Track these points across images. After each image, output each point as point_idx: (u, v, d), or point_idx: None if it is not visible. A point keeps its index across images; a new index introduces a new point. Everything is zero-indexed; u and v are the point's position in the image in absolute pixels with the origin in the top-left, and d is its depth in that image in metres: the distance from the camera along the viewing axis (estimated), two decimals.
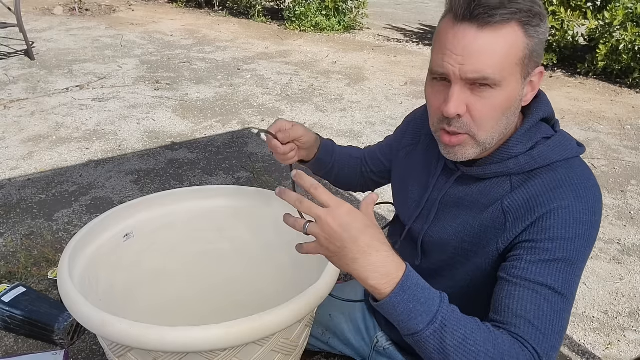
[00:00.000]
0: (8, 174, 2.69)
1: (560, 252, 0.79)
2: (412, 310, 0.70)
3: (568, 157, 0.86)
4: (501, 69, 0.77)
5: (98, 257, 1.10)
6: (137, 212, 1.20)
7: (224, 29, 6.44)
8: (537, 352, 0.75)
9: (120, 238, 1.16)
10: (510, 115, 0.83)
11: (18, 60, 4.66)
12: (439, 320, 0.70)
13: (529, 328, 0.76)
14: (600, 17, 4.56)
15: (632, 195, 2.73)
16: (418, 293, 0.70)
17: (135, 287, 1.21)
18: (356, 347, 1.34)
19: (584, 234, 0.80)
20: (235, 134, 3.33)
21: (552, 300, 0.78)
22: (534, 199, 0.83)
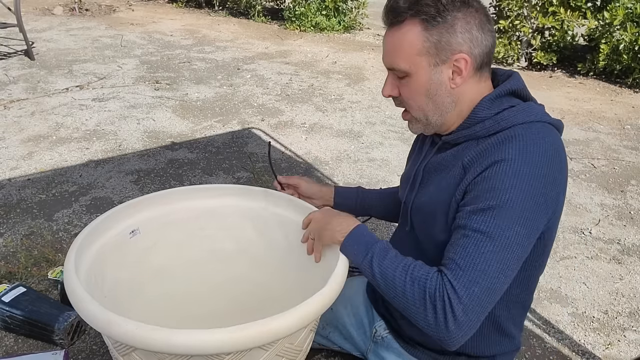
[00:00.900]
0: (8, 174, 2.69)
1: (494, 200, 0.86)
2: (356, 250, 1.00)
3: (530, 121, 0.93)
4: (405, 60, 0.94)
5: (104, 254, 1.10)
6: (143, 209, 1.20)
7: (223, 29, 6.43)
8: (450, 281, 0.85)
9: (127, 235, 1.16)
10: (435, 96, 0.96)
11: (18, 60, 4.66)
12: (369, 256, 0.97)
13: (452, 264, 0.87)
14: (600, 17, 4.56)
15: (632, 195, 2.73)
16: (361, 239, 1.01)
17: (140, 284, 1.21)
18: (357, 340, 1.35)
19: (523, 185, 0.85)
20: (235, 134, 3.33)
21: (480, 242, 0.85)
22: (485, 151, 0.92)
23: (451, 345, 0.87)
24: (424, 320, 0.87)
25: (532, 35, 5.06)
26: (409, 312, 0.90)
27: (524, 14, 5.02)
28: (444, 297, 0.84)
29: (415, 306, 0.88)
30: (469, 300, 0.83)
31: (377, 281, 0.95)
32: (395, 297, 0.92)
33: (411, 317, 0.91)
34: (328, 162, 2.98)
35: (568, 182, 3.03)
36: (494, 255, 0.84)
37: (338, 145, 3.19)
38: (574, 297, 1.94)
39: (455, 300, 0.83)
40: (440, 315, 0.84)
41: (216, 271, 1.32)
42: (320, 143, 3.23)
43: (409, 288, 0.89)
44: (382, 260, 0.95)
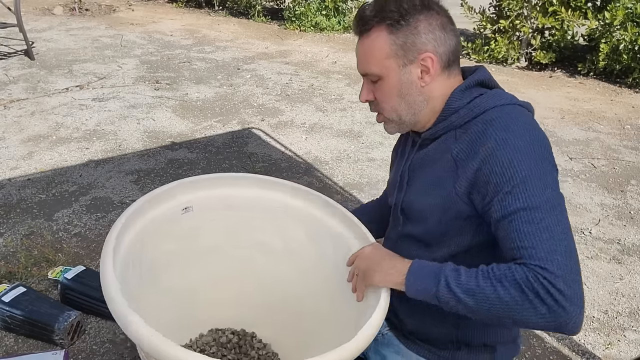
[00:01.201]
0: (8, 173, 2.69)
1: (514, 179, 0.88)
2: (425, 283, 0.91)
3: (502, 104, 0.98)
4: (376, 64, 1.00)
5: (152, 226, 1.12)
6: (199, 189, 1.20)
7: (223, 29, 6.44)
8: (531, 263, 0.82)
9: (179, 211, 1.17)
10: (407, 96, 1.02)
11: (18, 60, 4.66)
12: (442, 282, 0.89)
13: (520, 251, 0.85)
14: (601, 17, 4.56)
15: (632, 195, 2.73)
16: (423, 271, 0.93)
17: (183, 259, 1.22)
18: None
19: (528, 155, 0.89)
20: (235, 134, 3.33)
21: (528, 217, 0.85)
22: (473, 141, 0.95)
23: (575, 326, 0.81)
24: (536, 315, 0.81)
25: (532, 35, 5.06)
26: (516, 315, 0.83)
27: (524, 14, 5.02)
28: (540, 281, 0.80)
29: (519, 305, 0.82)
30: (560, 270, 0.81)
31: (464, 302, 0.86)
32: (492, 309, 0.84)
33: (522, 321, 0.83)
34: (328, 162, 2.98)
35: (568, 181, 3.03)
36: (547, 220, 0.85)
37: (338, 145, 3.19)
38: None
39: (550, 276, 0.80)
40: (548, 299, 0.80)
41: (258, 264, 1.31)
42: (320, 143, 3.23)
43: (503, 291, 0.83)
44: (458, 279, 0.88)
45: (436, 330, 1.12)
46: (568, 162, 3.11)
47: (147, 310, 1.13)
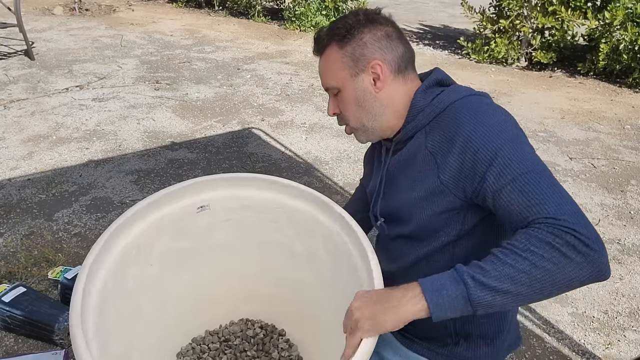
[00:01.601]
0: (8, 174, 2.69)
1: (502, 152, 0.90)
2: (449, 294, 0.82)
3: (463, 96, 1.03)
4: (332, 78, 1.08)
5: (164, 223, 1.13)
6: (217, 188, 1.21)
7: (223, 29, 6.44)
8: (546, 218, 0.82)
9: (194, 209, 1.18)
10: (364, 103, 1.08)
11: (18, 60, 4.66)
12: (468, 280, 0.82)
13: (529, 210, 0.84)
14: (600, 17, 4.56)
15: (632, 195, 2.73)
16: (436, 282, 0.84)
17: (195, 255, 1.24)
18: None
19: (503, 129, 0.93)
20: (235, 134, 3.33)
21: (526, 180, 0.86)
22: (446, 130, 0.99)
23: (608, 267, 0.80)
24: (575, 267, 0.79)
25: (532, 35, 5.06)
26: (557, 277, 0.79)
27: (524, 14, 5.02)
28: (564, 231, 0.79)
29: (556, 264, 0.79)
30: (574, 217, 0.81)
31: (501, 291, 0.81)
32: (533, 282, 0.80)
33: (564, 282, 0.80)
34: (328, 162, 2.98)
35: (568, 181, 3.03)
36: (544, 179, 0.87)
37: (338, 145, 3.19)
38: (574, 297, 1.94)
39: (570, 224, 0.80)
40: (581, 246, 0.78)
41: (275, 265, 1.31)
42: (320, 143, 3.23)
43: (536, 258, 0.80)
44: (483, 270, 0.83)
45: (434, 324, 1.13)
46: (568, 162, 3.11)
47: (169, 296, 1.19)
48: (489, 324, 1.11)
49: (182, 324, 1.28)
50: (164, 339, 1.22)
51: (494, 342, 1.13)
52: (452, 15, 8.30)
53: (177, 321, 1.26)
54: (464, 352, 1.14)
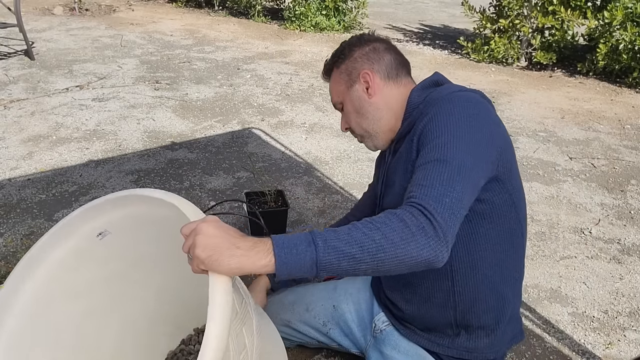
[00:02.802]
0: (8, 174, 2.69)
1: (440, 137, 0.98)
2: (297, 254, 0.81)
3: (453, 91, 1.10)
4: (336, 94, 1.25)
5: (69, 261, 1.06)
6: (107, 211, 1.09)
7: (223, 29, 6.43)
8: (420, 200, 0.88)
9: (94, 237, 1.09)
10: (362, 110, 1.21)
11: (18, 60, 4.66)
12: (319, 242, 0.82)
13: (416, 189, 0.92)
14: (600, 17, 4.56)
15: (632, 195, 2.73)
16: (291, 241, 0.83)
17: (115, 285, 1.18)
18: (357, 336, 1.39)
19: (456, 119, 1.00)
20: (235, 134, 3.33)
21: (438, 166, 0.94)
22: (421, 118, 1.09)
23: (443, 255, 0.85)
24: (418, 247, 0.83)
25: (532, 34, 5.06)
26: (399, 251, 0.83)
27: (524, 14, 5.02)
28: (423, 213, 0.86)
29: (404, 239, 0.83)
30: (442, 208, 0.87)
31: (348, 254, 0.82)
32: (378, 252, 0.83)
33: (404, 258, 0.84)
34: (328, 162, 2.98)
35: (568, 181, 3.02)
36: (453, 174, 0.92)
37: (338, 145, 3.19)
38: (574, 296, 1.94)
39: (432, 210, 0.86)
40: (431, 231, 0.84)
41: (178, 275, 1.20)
42: (321, 143, 3.23)
43: (388, 229, 0.84)
44: (337, 235, 0.84)
45: (435, 315, 1.19)
46: (568, 162, 3.11)
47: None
48: (488, 313, 1.15)
49: (128, 354, 1.23)
50: None
51: (494, 333, 1.16)
52: (452, 15, 8.30)
53: (119, 352, 1.22)
54: (464, 343, 1.17)
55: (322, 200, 2.56)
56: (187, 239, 0.82)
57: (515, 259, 1.17)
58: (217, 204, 1.39)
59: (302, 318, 1.47)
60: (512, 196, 1.09)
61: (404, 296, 1.22)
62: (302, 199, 2.56)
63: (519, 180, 1.13)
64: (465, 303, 1.13)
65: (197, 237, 0.80)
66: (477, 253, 1.10)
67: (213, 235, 0.80)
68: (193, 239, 0.80)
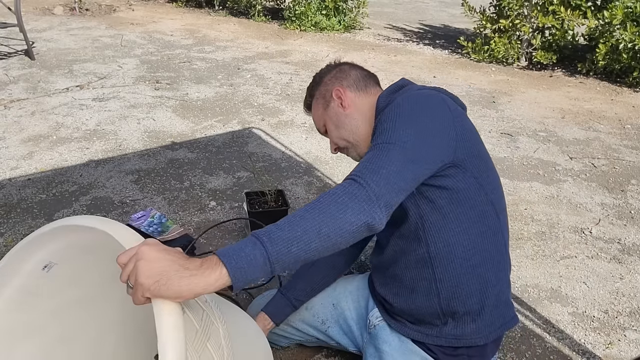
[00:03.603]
0: (8, 173, 2.69)
1: (386, 123, 1.05)
2: (246, 257, 0.79)
3: (416, 89, 1.19)
4: (318, 119, 1.39)
5: (18, 297, 0.99)
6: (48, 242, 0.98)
7: (224, 29, 6.44)
8: (357, 174, 0.93)
9: (39, 271, 1.00)
10: (340, 122, 1.32)
11: (18, 60, 4.66)
12: (263, 238, 0.81)
13: (358, 166, 0.96)
14: (600, 17, 4.55)
15: (632, 195, 2.73)
16: (235, 250, 0.80)
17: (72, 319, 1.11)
18: (355, 334, 1.42)
19: (404, 108, 1.07)
20: (235, 134, 3.33)
21: (381, 148, 0.99)
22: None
23: (380, 216, 0.90)
24: (354, 213, 0.87)
25: (532, 34, 5.06)
26: (338, 221, 0.85)
27: (524, 13, 5.02)
28: (357, 182, 0.91)
29: (341, 209, 0.87)
30: (376, 177, 0.92)
31: (294, 240, 0.82)
32: (321, 228, 0.84)
33: (343, 226, 0.86)
34: (328, 162, 2.98)
35: (568, 181, 3.01)
36: (393, 152, 0.97)
37: None
38: (574, 296, 1.94)
39: (366, 178, 0.91)
40: (360, 192, 0.89)
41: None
42: (321, 143, 3.23)
43: (323, 204, 0.87)
44: (276, 226, 0.84)
45: (422, 305, 1.23)
46: (568, 162, 3.11)
47: None
48: (471, 298, 1.18)
49: None
50: None
51: (480, 317, 1.20)
52: (452, 15, 8.30)
53: None
54: (452, 331, 1.20)
55: None
56: (126, 267, 0.75)
57: (494, 242, 1.18)
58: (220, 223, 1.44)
59: (301, 317, 1.48)
60: (478, 180, 1.13)
61: (392, 290, 1.27)
62: (302, 198, 2.56)
63: (488, 164, 1.18)
64: (447, 289, 1.17)
65: (138, 263, 0.73)
66: (452, 238, 1.13)
67: (156, 259, 0.74)
68: (133, 265, 0.74)
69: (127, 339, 1.21)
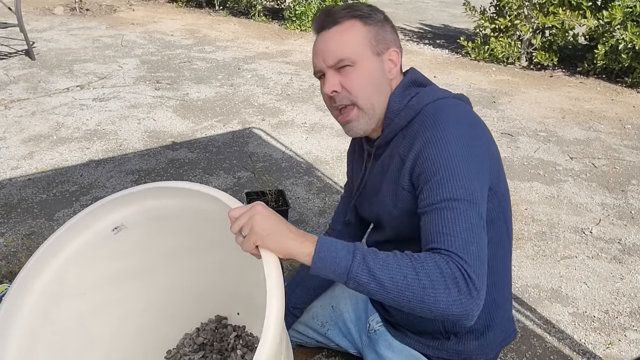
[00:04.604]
0: (9, 173, 2.69)
1: (443, 169, 0.93)
2: (335, 257, 0.86)
3: (435, 99, 1.04)
4: (352, 49, 1.02)
5: (85, 252, 1.08)
6: (127, 205, 1.13)
7: (224, 29, 6.44)
8: (449, 250, 0.86)
9: (109, 232, 1.12)
10: (379, 83, 1.06)
11: (19, 60, 4.66)
12: (358, 255, 0.86)
13: (440, 237, 0.89)
14: (600, 17, 4.55)
15: (632, 195, 2.73)
16: (334, 244, 0.88)
17: (127, 279, 1.19)
18: (354, 337, 1.40)
19: (456, 146, 0.95)
20: (235, 134, 3.33)
21: (452, 207, 0.90)
22: (412, 138, 1.02)
23: (474, 313, 0.85)
24: (448, 299, 0.83)
25: (532, 34, 5.06)
26: (427, 298, 0.84)
27: (524, 13, 5.02)
28: (458, 267, 0.84)
29: (435, 288, 0.83)
30: (473, 260, 0.86)
31: (378, 279, 0.85)
32: (406, 290, 0.84)
33: (431, 305, 0.84)
34: (328, 162, 2.98)
35: (568, 181, 3.02)
36: (468, 212, 0.90)
37: (339, 145, 3.19)
38: (575, 296, 1.94)
39: (465, 265, 0.85)
40: (462, 285, 0.83)
41: (213, 270, 1.25)
42: (321, 143, 3.23)
43: (422, 272, 0.84)
44: (375, 255, 0.87)
45: (424, 321, 1.18)
46: (569, 162, 3.11)
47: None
48: (477, 320, 1.12)
49: (145, 338, 1.24)
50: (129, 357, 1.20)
51: (483, 336, 1.17)
52: (452, 14, 8.29)
53: (137, 339, 1.22)
54: (454, 346, 1.18)
55: (323, 200, 2.56)
56: (239, 219, 0.88)
57: (504, 262, 1.15)
58: None
59: (301, 319, 1.48)
60: (500, 201, 1.08)
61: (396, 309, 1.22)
62: (302, 198, 2.56)
63: (505, 181, 1.12)
64: None
65: (255, 217, 0.87)
66: None
67: (270, 217, 0.88)
68: (248, 218, 0.87)
69: (163, 317, 1.27)
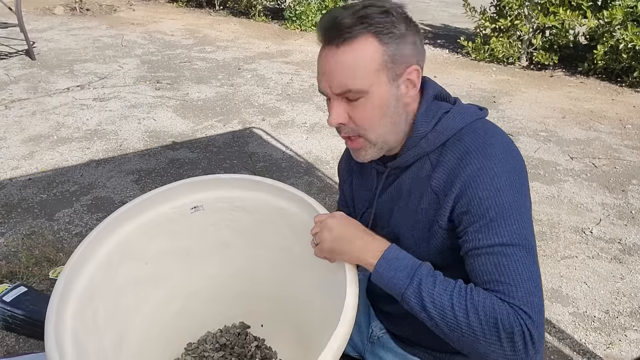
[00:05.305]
0: (9, 173, 2.69)
1: (492, 210, 0.84)
2: (396, 276, 0.85)
3: (470, 122, 0.92)
4: (362, 78, 0.84)
5: (157, 223, 1.14)
6: (208, 189, 1.20)
7: (224, 29, 6.44)
8: (511, 303, 0.79)
9: (188, 210, 1.18)
10: (393, 113, 0.90)
11: (19, 60, 4.66)
12: (415, 282, 0.83)
13: (499, 286, 0.81)
14: (600, 17, 4.55)
15: (633, 195, 2.73)
16: (396, 263, 0.86)
17: (189, 257, 1.23)
18: (355, 341, 1.37)
19: (505, 183, 0.85)
20: (236, 134, 3.33)
21: (508, 253, 0.82)
22: (451, 171, 0.89)
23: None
24: (500, 353, 0.79)
25: (532, 34, 5.06)
26: (477, 345, 0.79)
27: (524, 13, 5.02)
28: (520, 323, 0.78)
29: (487, 338, 0.78)
30: (535, 313, 0.79)
31: (428, 313, 0.81)
32: (454, 330, 0.80)
33: (478, 352, 0.80)
34: (329, 162, 2.98)
35: (569, 181, 3.02)
36: (526, 259, 0.82)
37: (339, 145, 3.19)
38: (575, 296, 1.94)
39: (528, 322, 0.78)
40: (520, 343, 0.78)
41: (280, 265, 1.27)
42: (321, 142, 3.23)
43: (475, 319, 0.79)
44: (432, 288, 0.82)
45: (431, 336, 1.11)
46: (569, 162, 3.10)
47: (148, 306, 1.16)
48: None
49: (179, 324, 1.27)
50: (157, 338, 1.21)
51: None
52: (453, 14, 8.29)
53: (172, 321, 1.25)
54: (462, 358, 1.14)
55: (323, 199, 2.56)
56: (315, 226, 0.96)
57: None
58: None
59: None
60: None
61: (397, 314, 1.16)
62: None
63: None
64: None
65: (325, 225, 0.93)
66: None
67: (339, 226, 0.93)
68: (321, 226, 0.94)
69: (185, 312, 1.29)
